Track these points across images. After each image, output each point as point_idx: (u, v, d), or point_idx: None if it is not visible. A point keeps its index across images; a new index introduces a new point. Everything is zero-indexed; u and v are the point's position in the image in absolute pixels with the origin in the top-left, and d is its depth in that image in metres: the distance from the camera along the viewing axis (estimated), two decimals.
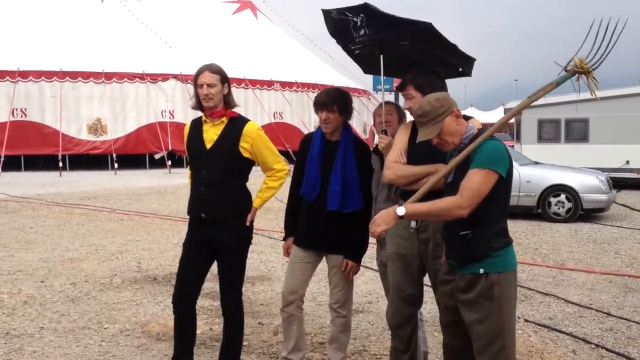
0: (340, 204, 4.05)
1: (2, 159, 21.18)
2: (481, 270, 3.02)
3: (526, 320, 5.62)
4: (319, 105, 4.11)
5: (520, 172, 11.93)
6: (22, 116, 22.82)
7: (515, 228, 10.92)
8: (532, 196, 12.07)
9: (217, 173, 3.95)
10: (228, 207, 3.97)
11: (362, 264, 4.28)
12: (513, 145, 19.90)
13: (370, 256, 5.92)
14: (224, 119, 4.02)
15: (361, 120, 30.53)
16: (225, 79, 4.02)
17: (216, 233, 3.96)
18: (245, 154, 4.00)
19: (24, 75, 22.91)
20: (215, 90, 3.95)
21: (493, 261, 3.03)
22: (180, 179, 18.96)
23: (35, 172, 22.01)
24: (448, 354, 3.32)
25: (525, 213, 12.11)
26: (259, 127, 4.12)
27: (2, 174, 20.29)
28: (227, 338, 4.10)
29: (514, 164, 12.48)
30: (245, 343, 4.79)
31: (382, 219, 3.02)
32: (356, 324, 5.40)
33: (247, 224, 4.04)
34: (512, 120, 26.09)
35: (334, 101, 4.11)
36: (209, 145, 3.99)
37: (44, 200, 14.08)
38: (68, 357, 4.64)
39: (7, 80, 22.78)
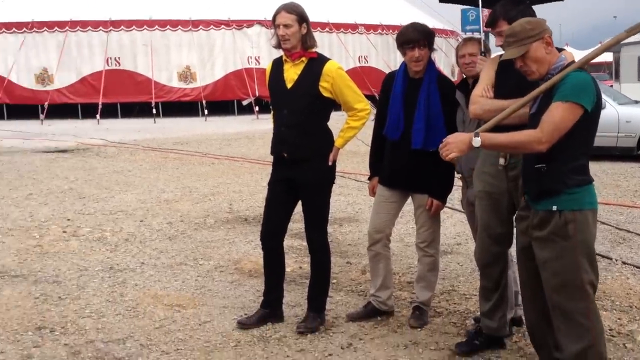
0: (424, 142, 3.99)
1: (100, 106, 22.09)
2: (554, 207, 2.91)
3: (624, 263, 5.44)
4: (409, 42, 4.00)
5: (619, 112, 11.36)
6: (116, 65, 23.59)
7: (614, 170, 10.48)
8: (632, 137, 11.48)
9: (297, 113, 3.95)
10: (309, 146, 3.97)
11: (451, 206, 4.23)
12: (612, 85, 18.89)
13: (458, 198, 5.85)
14: (304, 59, 3.98)
15: (449, 62, 29.73)
16: (303, 19, 3.94)
17: (298, 172, 3.98)
18: (326, 94, 3.96)
19: (115, 25, 23.56)
20: (291, 30, 3.90)
21: (567, 198, 2.90)
22: (267, 125, 19.11)
23: (130, 119, 22.86)
24: (524, 294, 3.28)
25: (624, 155, 11.56)
26: (340, 66, 4.07)
27: (100, 120, 21.21)
28: (315, 275, 4.20)
29: (612, 103, 11.84)
30: (333, 281, 4.90)
31: (455, 145, 2.94)
32: (445, 265, 5.39)
33: (329, 163, 4.03)
34: (611, 59, 24.67)
35: (424, 36, 4.01)
36: (289, 85, 3.98)
37: (140, 145, 14.66)
38: (167, 291, 4.90)
39: (101, 30, 23.51)
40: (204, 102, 23.33)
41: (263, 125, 19.62)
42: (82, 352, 3.81)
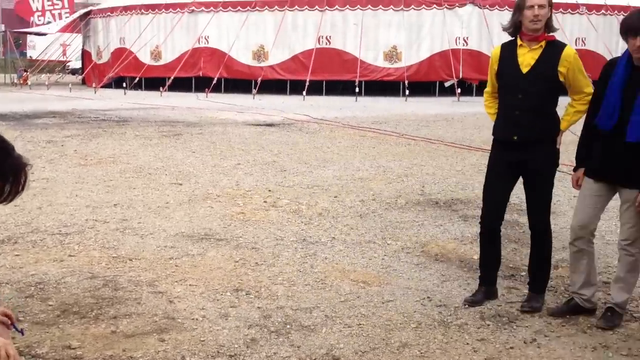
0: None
1: (308, 83, 23.12)
2: None
3: None
4: (632, 30, 3.73)
5: None
6: (326, 44, 24.44)
7: None
8: None
9: (533, 97, 4.03)
10: (541, 130, 4.08)
11: None
12: None
13: None
14: (542, 43, 4.03)
15: None
16: (551, 2, 4.02)
17: (527, 155, 4.10)
18: (561, 78, 4.02)
19: (331, 4, 24.36)
20: (544, 12, 3.96)
21: None
22: (468, 108, 18.81)
23: (333, 96, 23.65)
24: None
25: None
26: (575, 51, 4.09)
27: (306, 97, 22.21)
28: (537, 258, 4.29)
29: None
30: (522, 274, 4.74)
31: None
32: None
33: (558, 146, 4.14)
34: None
35: None
36: (525, 70, 4.04)
37: (340, 122, 15.14)
38: (354, 267, 5.06)
39: (316, 9, 24.46)
40: (406, 82, 23.41)
41: (463, 108, 19.26)
42: (273, 316, 4.09)
